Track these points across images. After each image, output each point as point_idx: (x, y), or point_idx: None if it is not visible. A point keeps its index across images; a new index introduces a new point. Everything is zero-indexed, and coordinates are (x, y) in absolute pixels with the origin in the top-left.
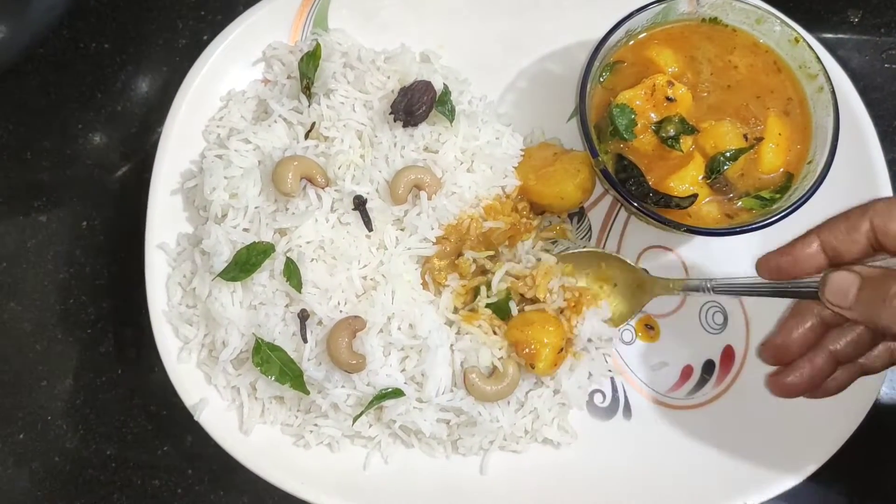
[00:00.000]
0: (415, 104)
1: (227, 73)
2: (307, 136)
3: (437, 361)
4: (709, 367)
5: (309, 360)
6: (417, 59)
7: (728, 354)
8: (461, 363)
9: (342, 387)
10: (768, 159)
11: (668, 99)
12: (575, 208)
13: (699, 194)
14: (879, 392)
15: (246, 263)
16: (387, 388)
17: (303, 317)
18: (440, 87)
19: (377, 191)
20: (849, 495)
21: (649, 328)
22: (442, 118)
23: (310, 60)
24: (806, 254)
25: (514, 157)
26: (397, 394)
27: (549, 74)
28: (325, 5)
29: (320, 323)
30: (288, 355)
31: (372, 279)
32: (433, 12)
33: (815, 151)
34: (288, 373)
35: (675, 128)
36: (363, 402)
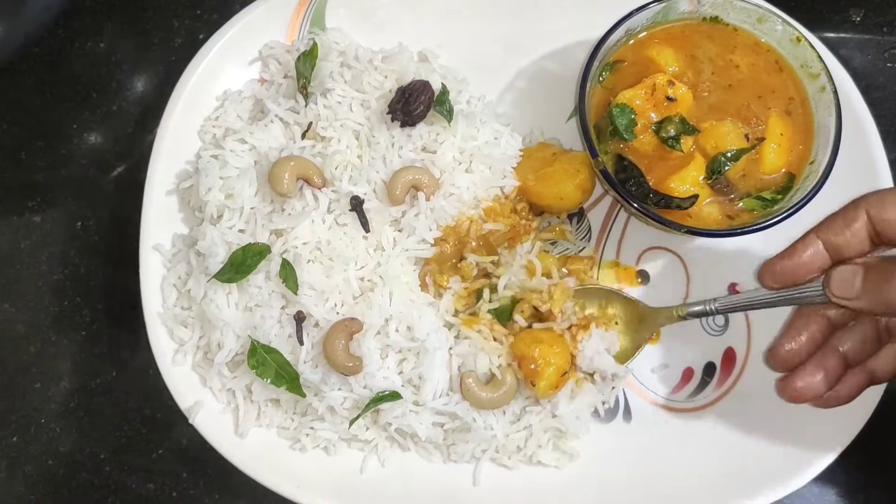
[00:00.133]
0: (412, 104)
1: (223, 72)
2: (304, 136)
3: (435, 364)
4: (710, 369)
5: (305, 362)
6: (415, 59)
7: (729, 356)
8: (458, 367)
9: (339, 389)
10: (770, 160)
11: (669, 98)
12: (574, 209)
13: (700, 195)
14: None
15: (241, 265)
16: (384, 391)
17: (299, 319)
18: (438, 87)
19: (374, 191)
20: (851, 498)
21: None
22: (440, 118)
23: (306, 60)
24: (808, 255)
25: (513, 158)
26: (394, 396)
27: (549, 74)
28: (322, 4)
29: (317, 325)
30: (284, 358)
31: (369, 281)
32: (431, 11)
33: (817, 152)
34: (284, 375)
35: (675, 128)
36: (360, 404)
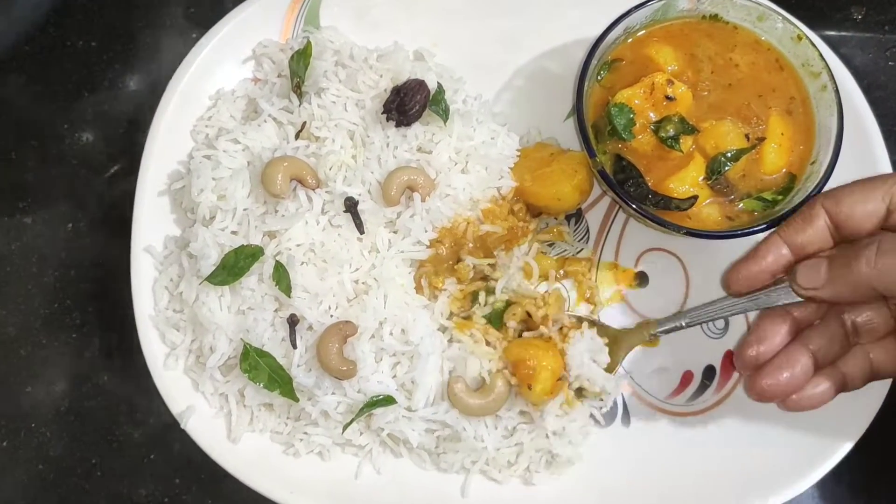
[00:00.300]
0: (408, 103)
1: (215, 71)
2: (297, 136)
3: (428, 369)
4: (709, 372)
5: (298, 366)
6: (411, 58)
7: (729, 360)
8: (449, 372)
9: (332, 394)
10: (770, 160)
11: (668, 98)
12: (572, 210)
13: (699, 196)
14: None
15: (234, 267)
16: (378, 396)
17: (292, 322)
18: (434, 86)
19: (369, 192)
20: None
21: None
22: (436, 118)
23: (300, 58)
24: (773, 257)
25: (510, 158)
26: (389, 401)
27: (546, 73)
28: (316, 2)
29: (310, 328)
30: (277, 362)
31: (364, 283)
32: (427, 9)
33: (818, 151)
34: (277, 379)
35: (674, 127)
36: (354, 409)
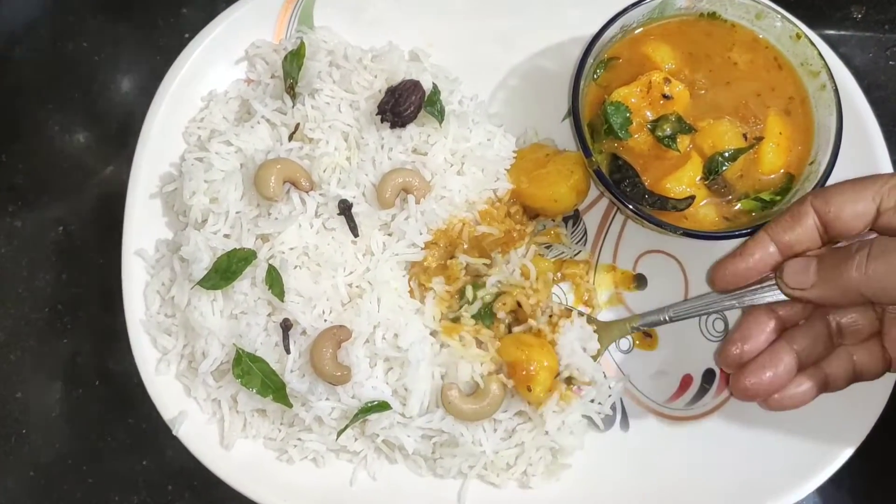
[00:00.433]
0: (403, 104)
1: (208, 72)
2: (291, 137)
3: (419, 376)
4: (709, 376)
5: (292, 371)
6: (406, 58)
7: None
8: (441, 377)
9: (326, 399)
10: (768, 160)
11: (665, 96)
12: (569, 211)
13: (696, 196)
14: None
15: (226, 271)
16: (373, 401)
17: (285, 326)
18: (429, 87)
19: (363, 194)
20: None
21: (647, 336)
22: (431, 119)
23: (294, 59)
24: (760, 255)
25: (506, 159)
26: (383, 407)
27: (543, 72)
28: (309, 2)
29: (304, 333)
30: (270, 367)
31: (358, 287)
32: (422, 9)
33: (817, 152)
34: (270, 385)
35: (671, 126)
36: (348, 415)
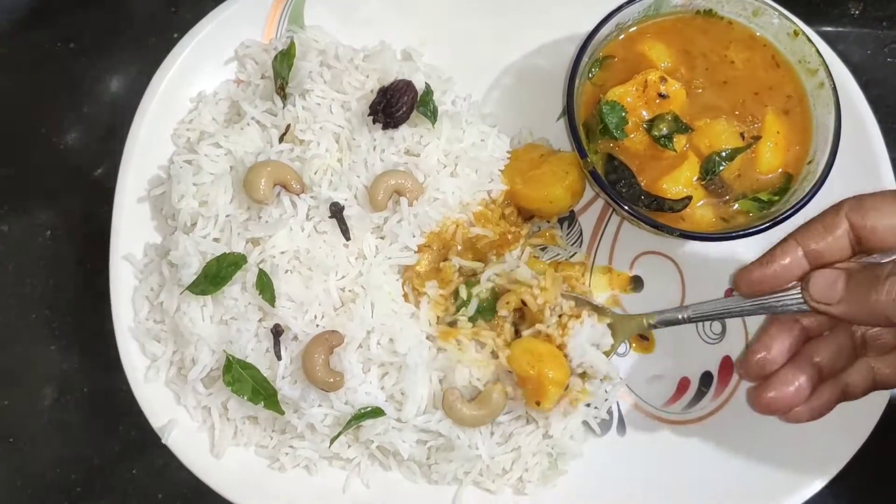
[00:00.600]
0: (395, 105)
1: (197, 73)
2: (281, 139)
3: (417, 380)
4: (706, 379)
5: (283, 378)
6: (398, 57)
7: (727, 366)
8: (440, 381)
9: (319, 406)
10: (766, 159)
11: (661, 95)
12: (565, 212)
13: (693, 196)
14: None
15: (216, 276)
16: (366, 407)
17: (276, 332)
18: (422, 87)
19: (355, 197)
20: None
21: (643, 339)
22: (424, 119)
23: (284, 59)
24: (786, 262)
25: (501, 160)
26: (377, 413)
27: (537, 71)
28: (300, 1)
29: (295, 338)
30: (261, 373)
31: (350, 291)
32: (414, 8)
33: (815, 151)
34: (261, 392)
35: (668, 126)
36: (341, 421)
